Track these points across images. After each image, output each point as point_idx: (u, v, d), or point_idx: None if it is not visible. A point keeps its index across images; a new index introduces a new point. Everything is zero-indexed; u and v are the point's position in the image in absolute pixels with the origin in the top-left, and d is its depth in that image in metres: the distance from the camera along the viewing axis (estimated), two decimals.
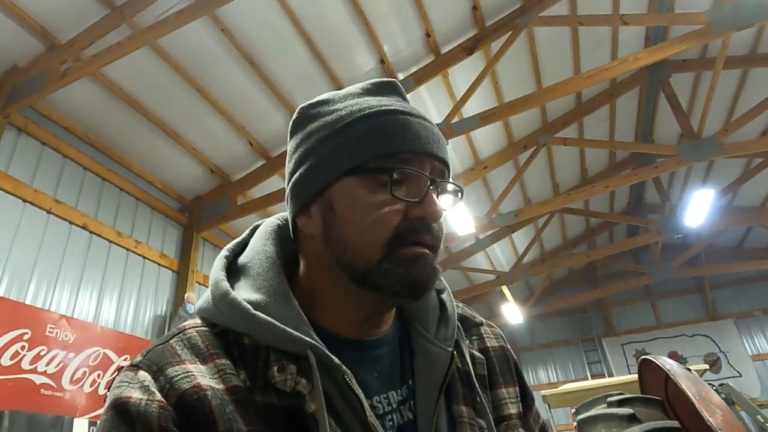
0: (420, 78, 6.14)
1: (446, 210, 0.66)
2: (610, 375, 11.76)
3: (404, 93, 0.73)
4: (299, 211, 0.68)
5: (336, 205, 0.64)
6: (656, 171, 6.96)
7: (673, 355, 11.57)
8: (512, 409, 0.73)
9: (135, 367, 0.57)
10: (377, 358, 0.68)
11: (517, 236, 10.26)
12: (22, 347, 4.12)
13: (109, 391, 0.58)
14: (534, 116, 7.81)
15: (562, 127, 8.00)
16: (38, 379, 4.20)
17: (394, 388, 0.66)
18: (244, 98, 5.63)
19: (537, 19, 6.11)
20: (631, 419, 1.18)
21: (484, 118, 5.80)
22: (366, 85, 0.72)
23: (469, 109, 6.20)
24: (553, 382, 12.21)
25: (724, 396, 4.87)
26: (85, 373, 4.62)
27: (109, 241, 5.38)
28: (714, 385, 4.76)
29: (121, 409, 0.53)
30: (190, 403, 0.53)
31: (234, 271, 0.69)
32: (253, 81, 5.49)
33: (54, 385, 4.32)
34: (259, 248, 0.70)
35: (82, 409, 4.50)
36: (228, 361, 0.58)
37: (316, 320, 0.65)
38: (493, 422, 0.67)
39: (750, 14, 4.85)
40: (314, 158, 0.66)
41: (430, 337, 0.69)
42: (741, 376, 11.06)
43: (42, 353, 4.26)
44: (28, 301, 4.39)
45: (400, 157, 0.63)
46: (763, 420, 4.84)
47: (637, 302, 12.77)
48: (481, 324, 0.81)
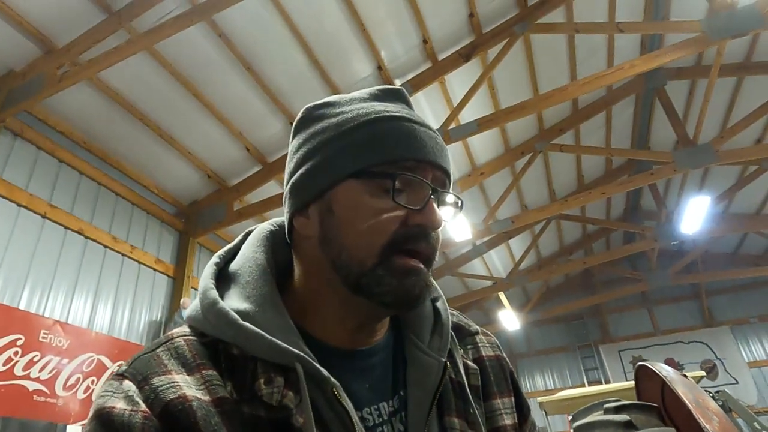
0: (417, 84, 6.16)
1: (446, 220, 0.65)
2: (607, 382, 11.74)
3: (410, 101, 0.73)
4: (297, 212, 0.67)
5: (336, 207, 0.63)
6: (652, 178, 6.99)
7: (669, 362, 11.56)
8: (507, 420, 0.72)
9: (120, 377, 0.57)
10: (369, 368, 0.67)
11: (514, 242, 10.27)
12: (15, 353, 4.08)
13: (94, 400, 0.57)
14: (530, 123, 7.84)
15: (559, 134, 8.03)
16: (31, 386, 4.16)
17: (386, 398, 0.65)
18: (242, 103, 5.63)
19: (534, 27, 6.14)
20: (628, 426, 1.17)
21: (480, 125, 5.82)
22: (372, 90, 0.72)
23: (466, 116, 6.21)
24: (550, 389, 12.18)
25: (720, 403, 4.86)
26: (79, 379, 4.58)
27: (105, 246, 5.35)
28: (710, 392, 4.76)
29: (105, 420, 0.52)
30: (175, 414, 0.52)
31: (224, 279, 0.68)
32: (250, 86, 5.49)
33: (47, 392, 4.28)
34: (250, 255, 0.69)
35: (75, 416, 4.46)
36: (215, 372, 0.57)
37: (308, 329, 0.64)
38: None
39: (744, 22, 4.89)
40: (317, 159, 0.65)
41: (424, 347, 0.68)
42: (737, 383, 11.05)
43: (35, 359, 4.22)
44: (21, 307, 4.35)
45: (404, 164, 0.62)
46: (759, 427, 4.84)
47: (634, 309, 12.78)
48: (476, 333, 0.80)
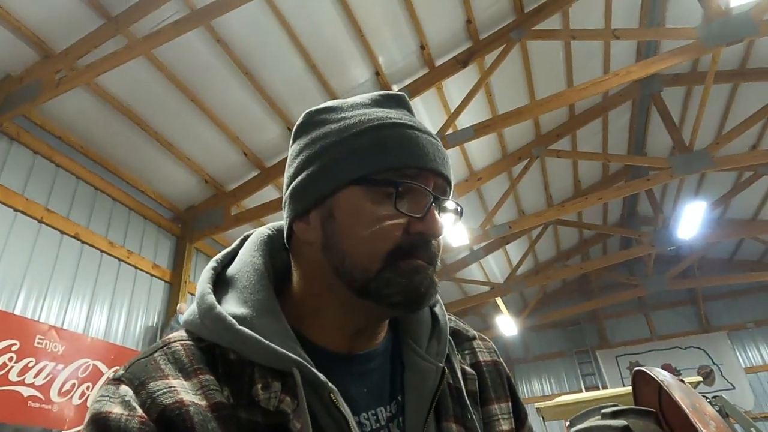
0: (415, 90, 6.18)
1: (446, 228, 0.66)
2: (604, 387, 11.72)
3: (411, 107, 0.73)
4: (297, 217, 0.67)
5: (337, 213, 0.63)
6: (649, 183, 7.02)
7: (666, 368, 11.57)
8: (504, 426, 0.72)
9: (117, 381, 0.56)
10: (367, 373, 0.66)
11: (511, 248, 10.28)
12: (10, 358, 4.05)
13: (90, 405, 0.57)
14: (527, 128, 7.87)
15: (556, 140, 8.06)
16: (26, 391, 4.13)
17: (384, 403, 0.65)
18: (239, 108, 5.63)
19: (530, 33, 6.18)
20: (625, 431, 1.17)
21: (478, 130, 5.83)
22: (374, 96, 0.71)
23: (464, 121, 6.23)
24: (547, 395, 12.16)
25: (717, 408, 4.86)
26: (74, 385, 4.55)
27: (101, 251, 5.33)
28: (708, 397, 4.76)
29: (101, 425, 0.52)
30: (172, 419, 0.52)
31: (222, 283, 0.68)
32: (247, 91, 5.50)
33: (42, 398, 4.25)
34: (248, 260, 0.68)
35: (70, 422, 4.42)
36: (212, 377, 0.57)
37: (306, 334, 0.64)
38: None
39: (738, 30, 4.93)
40: (318, 164, 0.65)
41: (422, 352, 0.68)
42: (734, 388, 11.06)
43: (30, 365, 4.19)
44: (17, 312, 4.33)
45: (406, 172, 0.62)
46: None
47: (631, 314, 12.79)
48: (474, 338, 0.80)
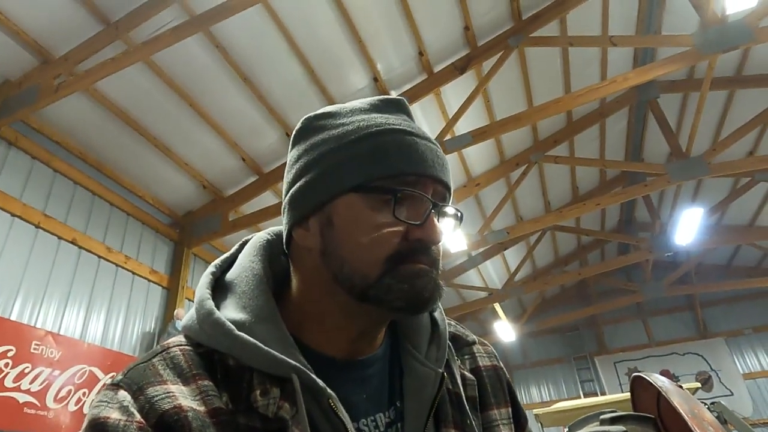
0: (413, 96, 6.20)
1: (446, 234, 0.65)
2: (603, 393, 11.70)
3: (411, 112, 0.72)
4: (296, 223, 0.66)
5: (336, 220, 0.63)
6: (646, 189, 7.03)
7: (665, 374, 11.52)
8: (504, 431, 0.72)
9: (115, 387, 0.56)
10: (366, 378, 0.66)
11: (509, 253, 10.28)
12: (6, 364, 4.03)
13: (88, 410, 0.57)
14: (525, 134, 7.89)
15: (553, 146, 8.08)
16: (21, 398, 4.11)
17: (383, 409, 0.65)
18: (238, 114, 5.64)
19: (528, 40, 6.21)
20: None
21: (476, 136, 5.85)
22: (373, 100, 0.71)
23: (461, 127, 6.25)
24: (545, 401, 12.12)
25: (716, 414, 4.86)
26: (70, 391, 4.52)
27: (99, 257, 5.32)
28: (706, 404, 4.75)
29: (100, 430, 0.52)
30: (170, 425, 0.52)
31: (221, 288, 0.67)
32: (246, 97, 5.51)
33: (38, 404, 4.22)
34: (247, 265, 0.68)
35: (66, 429, 4.40)
36: (210, 383, 0.57)
37: (305, 340, 0.64)
38: None
39: (734, 37, 4.96)
40: (317, 171, 0.65)
41: (421, 357, 0.68)
42: (733, 394, 11.04)
43: (26, 371, 4.17)
44: (13, 317, 4.31)
45: (405, 179, 0.62)
46: None
47: (629, 320, 12.78)
48: (474, 343, 0.79)
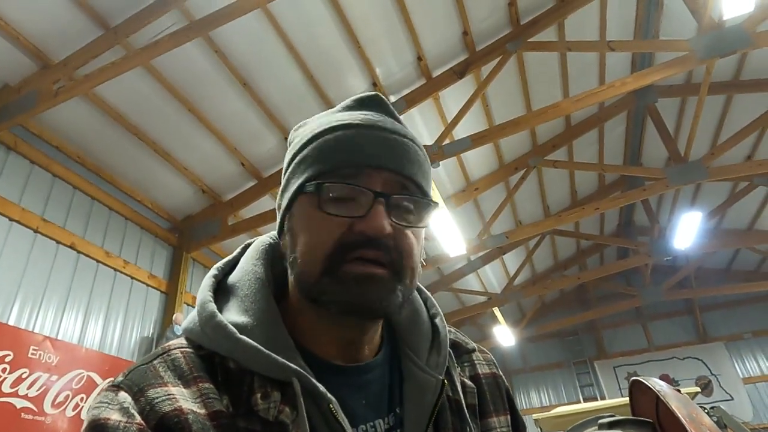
0: (412, 100, 6.22)
1: (405, 225, 0.62)
2: (603, 398, 11.68)
3: (386, 106, 0.71)
4: (279, 233, 0.69)
5: (293, 223, 0.65)
6: (645, 194, 7.04)
7: (664, 378, 11.53)
8: None
9: (116, 388, 0.56)
10: (365, 384, 0.66)
11: (509, 258, 10.28)
12: (4, 369, 4.01)
13: (88, 411, 0.56)
14: (524, 139, 7.91)
15: (552, 150, 8.11)
16: (19, 403, 4.09)
17: (382, 415, 0.65)
18: (237, 119, 5.65)
19: (526, 45, 6.23)
20: None
21: (474, 141, 5.86)
22: (348, 101, 0.71)
23: (460, 132, 6.26)
24: (545, 406, 12.10)
25: (716, 419, 4.84)
26: (68, 396, 4.50)
27: (97, 261, 5.30)
28: (706, 408, 4.74)
29: (100, 431, 0.52)
30: (170, 427, 0.52)
31: (223, 291, 0.68)
32: (245, 102, 5.52)
33: (35, 409, 4.20)
34: (249, 268, 0.69)
35: None
36: (211, 385, 0.57)
37: (305, 344, 0.64)
38: None
39: (731, 42, 4.98)
40: (285, 179, 0.68)
41: (421, 364, 0.68)
42: (732, 399, 11.03)
43: (24, 376, 4.15)
44: (11, 322, 4.29)
45: (342, 172, 0.62)
46: None
47: (629, 324, 12.78)
48: (474, 350, 0.80)
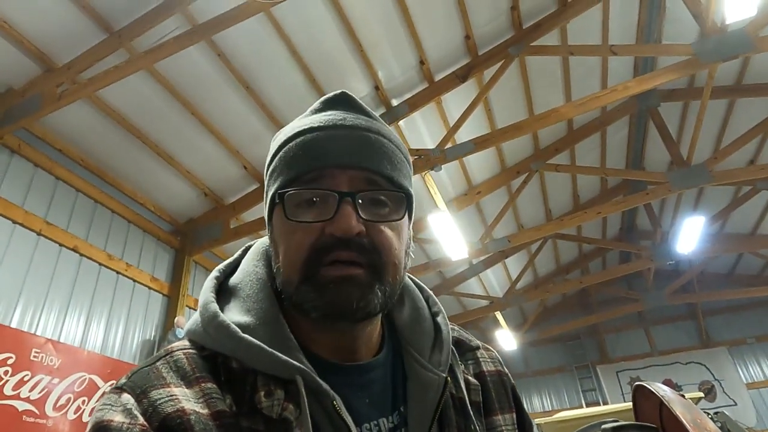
0: (414, 104, 6.23)
1: (376, 221, 0.61)
2: (605, 403, 11.63)
3: (353, 102, 0.69)
4: (269, 242, 0.70)
5: (273, 234, 0.66)
6: (647, 198, 7.03)
7: (667, 383, 11.48)
8: None
9: (119, 390, 0.56)
10: (368, 383, 0.66)
11: (511, 262, 10.27)
12: (6, 372, 4.01)
13: (92, 413, 0.57)
14: (526, 143, 7.91)
15: (554, 154, 8.10)
16: (21, 406, 4.09)
17: (386, 414, 0.65)
18: (239, 122, 5.67)
19: (528, 49, 6.24)
20: None
21: (477, 144, 5.86)
22: (316, 104, 0.71)
23: (463, 135, 6.27)
24: (547, 410, 12.04)
25: (719, 424, 4.81)
26: (70, 399, 4.50)
27: (100, 264, 5.31)
28: (709, 413, 4.71)
29: None
30: (173, 428, 0.52)
31: (224, 293, 0.68)
32: (248, 105, 5.54)
33: (37, 412, 4.20)
34: (251, 269, 0.69)
35: None
36: (214, 385, 0.57)
37: (307, 344, 0.64)
38: None
39: (734, 46, 4.98)
40: (265, 190, 0.69)
41: (424, 362, 0.68)
42: (736, 404, 10.97)
43: (26, 378, 4.15)
44: (13, 325, 4.30)
45: (305, 177, 0.62)
46: None
47: (631, 329, 12.73)
48: (477, 348, 0.79)
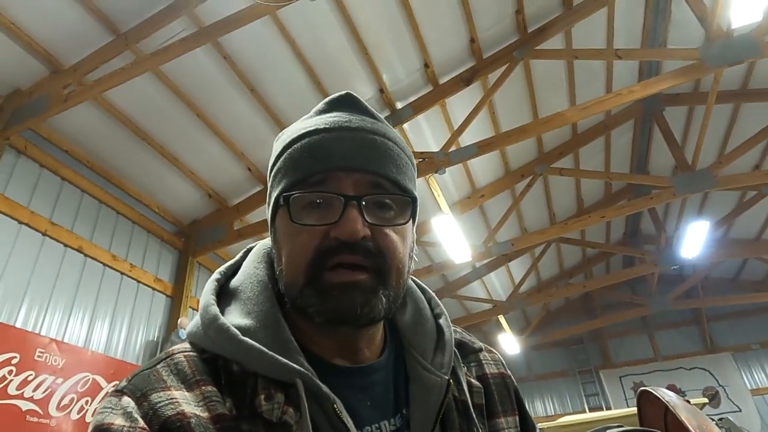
0: (418, 107, 6.24)
1: (382, 224, 0.61)
2: (608, 408, 11.57)
3: (359, 104, 0.69)
4: (272, 242, 0.70)
5: (277, 237, 0.65)
6: (651, 202, 7.01)
7: (671, 388, 11.39)
8: None
9: (119, 393, 0.56)
10: (369, 385, 0.66)
11: (514, 265, 10.24)
12: (10, 372, 4.03)
13: (93, 416, 0.57)
14: (530, 146, 7.90)
15: (558, 158, 8.09)
16: (24, 405, 4.10)
17: (387, 417, 0.64)
18: (244, 124, 5.68)
19: (533, 53, 6.25)
20: None
21: (481, 148, 5.86)
22: (320, 105, 0.71)
23: (467, 139, 6.27)
24: (550, 415, 11.99)
25: (724, 430, 4.79)
26: (73, 399, 4.51)
27: (104, 265, 5.33)
28: (714, 420, 4.69)
29: None
30: (173, 431, 0.52)
31: (225, 295, 0.68)
32: (253, 107, 5.55)
33: (40, 412, 4.21)
34: (251, 271, 0.69)
35: None
36: (214, 389, 0.57)
37: (308, 346, 0.64)
38: None
39: (740, 51, 4.97)
40: (268, 193, 0.69)
41: (426, 364, 0.67)
42: (741, 411, 10.89)
43: (30, 378, 4.16)
44: (18, 324, 4.32)
45: (311, 180, 0.62)
46: None
47: (634, 334, 12.68)
48: (480, 350, 0.79)
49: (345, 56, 5.48)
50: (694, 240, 7.65)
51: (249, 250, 0.76)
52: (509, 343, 10.76)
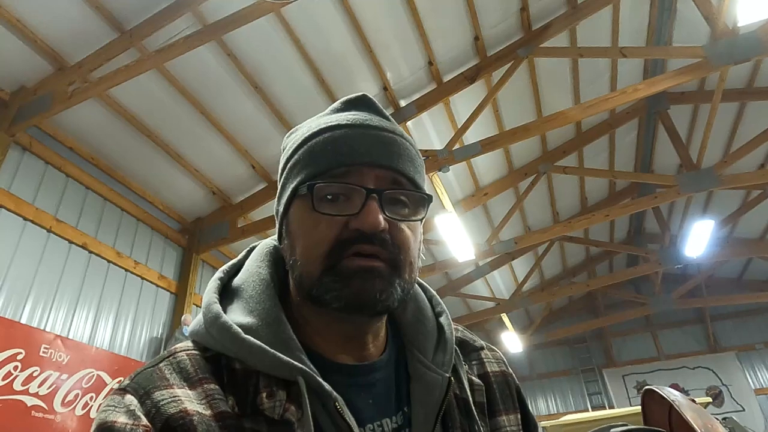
0: (422, 105, 6.22)
1: (400, 219, 0.63)
2: (611, 407, 11.57)
3: (374, 105, 0.71)
4: (279, 238, 0.70)
5: (290, 227, 0.66)
6: (656, 201, 6.98)
7: (674, 387, 11.37)
8: None
9: (122, 391, 0.57)
10: (371, 384, 0.66)
11: (517, 264, 10.24)
12: (15, 367, 4.05)
13: (96, 414, 0.57)
14: (534, 144, 7.89)
15: (562, 156, 8.07)
16: (29, 401, 4.13)
17: (389, 415, 0.65)
18: (248, 122, 5.69)
19: (537, 50, 6.22)
20: None
21: (484, 146, 5.85)
22: (336, 104, 0.72)
23: (470, 137, 6.26)
24: (552, 414, 12.00)
25: (728, 430, 4.78)
26: (78, 395, 4.54)
27: (109, 261, 5.35)
28: (718, 419, 4.68)
29: None
30: (176, 429, 0.53)
31: (228, 294, 0.69)
32: (257, 105, 5.56)
33: (45, 408, 4.24)
34: (254, 270, 0.69)
35: None
36: (217, 386, 0.58)
37: (310, 344, 0.64)
38: None
39: (746, 49, 4.94)
40: (280, 185, 0.69)
41: (427, 362, 0.68)
42: (744, 410, 10.87)
43: (35, 374, 4.19)
44: (23, 321, 4.34)
45: (334, 172, 0.62)
46: None
47: (638, 333, 12.66)
48: (482, 348, 0.79)
49: (349, 54, 5.47)
50: (699, 239, 7.62)
51: (251, 250, 0.76)
52: (512, 342, 10.75)
